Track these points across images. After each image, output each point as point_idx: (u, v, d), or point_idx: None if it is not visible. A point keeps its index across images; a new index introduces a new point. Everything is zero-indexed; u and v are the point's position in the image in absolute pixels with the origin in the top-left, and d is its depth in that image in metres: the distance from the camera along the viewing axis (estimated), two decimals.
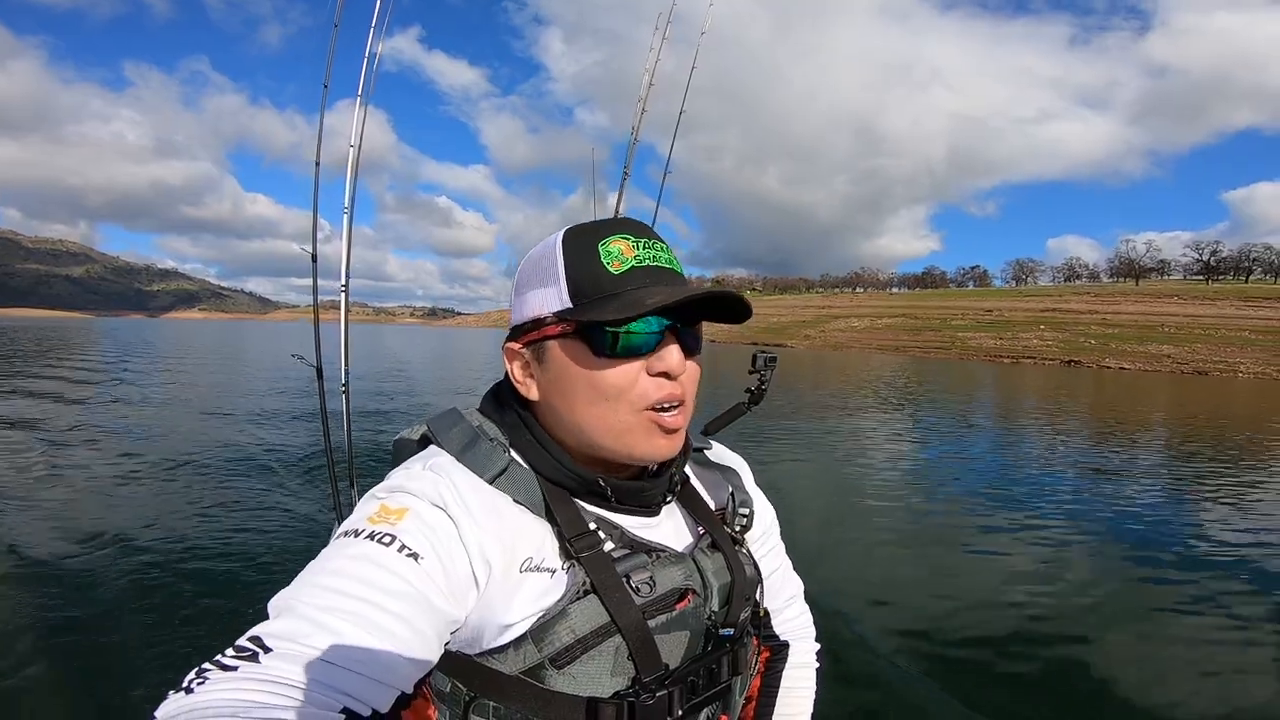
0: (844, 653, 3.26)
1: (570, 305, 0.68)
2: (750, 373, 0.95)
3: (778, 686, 0.93)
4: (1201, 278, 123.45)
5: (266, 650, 0.53)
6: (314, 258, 3.03)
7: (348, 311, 3.02)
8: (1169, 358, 60.76)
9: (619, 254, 0.68)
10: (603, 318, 0.65)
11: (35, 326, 74.68)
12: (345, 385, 3.03)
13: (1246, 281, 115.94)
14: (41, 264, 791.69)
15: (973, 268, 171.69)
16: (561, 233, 0.72)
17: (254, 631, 0.55)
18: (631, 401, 0.68)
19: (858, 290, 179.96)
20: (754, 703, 0.90)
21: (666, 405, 0.69)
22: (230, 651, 0.53)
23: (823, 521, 5.95)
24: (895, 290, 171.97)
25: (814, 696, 1.01)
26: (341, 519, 3.02)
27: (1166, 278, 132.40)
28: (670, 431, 0.70)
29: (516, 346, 0.73)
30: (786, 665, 0.94)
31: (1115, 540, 5.61)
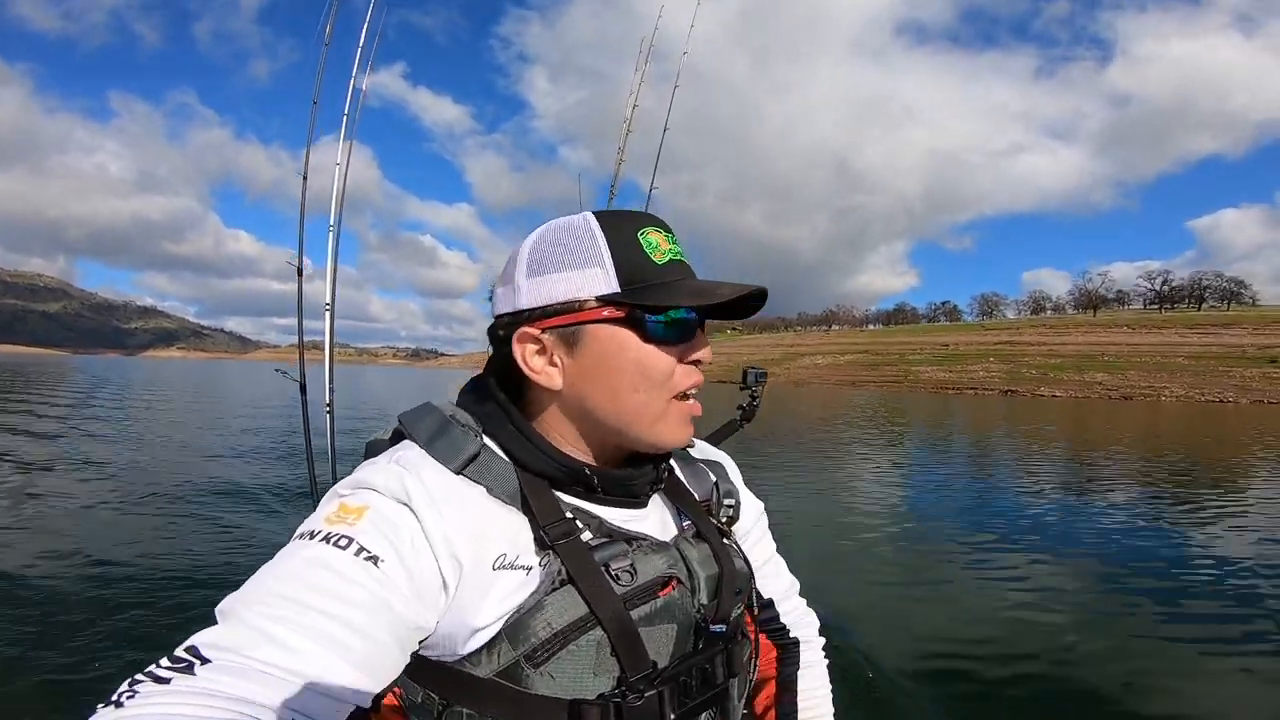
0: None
1: (619, 290, 0.66)
2: (742, 389, 0.97)
3: (795, 689, 0.91)
4: (1159, 307, 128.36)
5: (204, 661, 0.48)
6: (299, 270, 3.05)
7: (333, 330, 3.03)
8: (1101, 384, 64.11)
9: (657, 245, 0.68)
10: (676, 302, 0.66)
11: (10, 363, 72.96)
12: (330, 405, 2.97)
13: (1199, 309, 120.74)
14: (19, 299, 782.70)
15: (943, 303, 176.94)
16: (591, 216, 0.70)
17: (192, 640, 0.50)
18: (670, 387, 0.69)
19: (832, 328, 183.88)
20: (774, 711, 0.90)
21: (693, 392, 0.71)
22: (165, 662, 0.49)
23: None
24: (872, 327, 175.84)
25: (830, 695, 0.97)
26: None
27: (1127, 307, 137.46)
28: (692, 419, 0.72)
29: (535, 331, 0.68)
30: (800, 666, 0.93)
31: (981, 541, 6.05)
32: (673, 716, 0.66)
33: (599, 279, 0.67)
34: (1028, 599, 4.61)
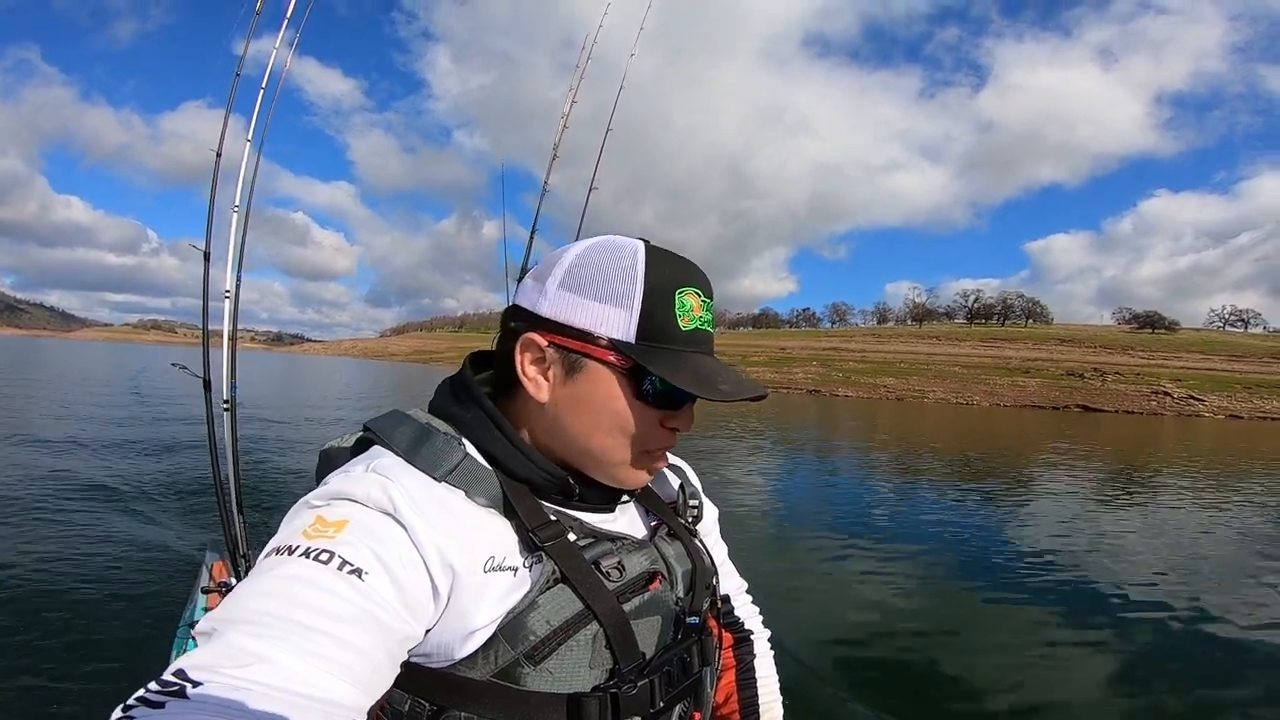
0: None
1: (634, 341, 0.67)
2: None
3: (754, 676, 0.98)
4: (982, 321, 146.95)
5: (194, 684, 0.47)
6: (206, 255, 2.93)
7: (235, 320, 2.92)
8: (886, 388, 75.80)
9: (690, 309, 0.69)
10: (676, 381, 0.66)
11: None
12: (229, 401, 2.82)
13: (1002, 325, 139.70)
14: None
15: (804, 310, 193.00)
16: (644, 255, 0.69)
17: (178, 664, 0.49)
18: (642, 443, 0.71)
19: None
20: (736, 696, 0.96)
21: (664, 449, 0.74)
22: (154, 686, 0.48)
23: None
24: (742, 329, 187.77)
25: (777, 681, 1.04)
26: (232, 543, 2.84)
27: (952, 320, 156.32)
28: (655, 469, 0.75)
29: (542, 341, 0.69)
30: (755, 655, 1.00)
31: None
32: (661, 704, 0.70)
33: (620, 322, 0.67)
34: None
